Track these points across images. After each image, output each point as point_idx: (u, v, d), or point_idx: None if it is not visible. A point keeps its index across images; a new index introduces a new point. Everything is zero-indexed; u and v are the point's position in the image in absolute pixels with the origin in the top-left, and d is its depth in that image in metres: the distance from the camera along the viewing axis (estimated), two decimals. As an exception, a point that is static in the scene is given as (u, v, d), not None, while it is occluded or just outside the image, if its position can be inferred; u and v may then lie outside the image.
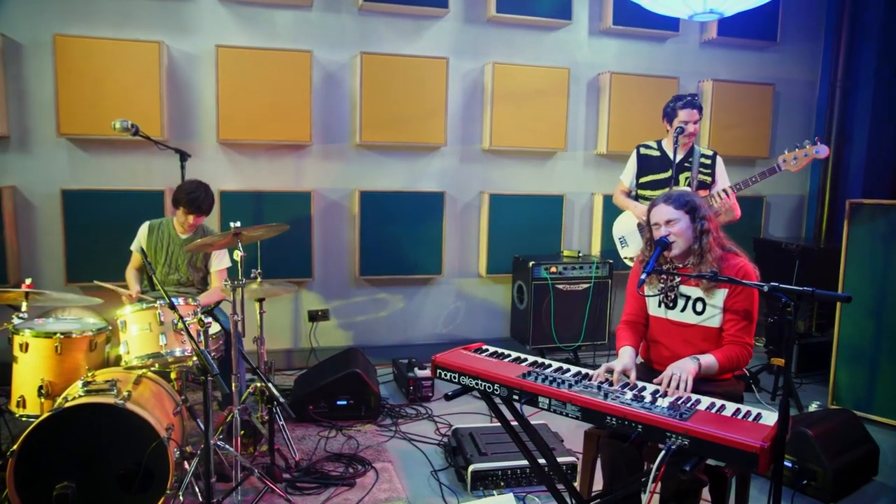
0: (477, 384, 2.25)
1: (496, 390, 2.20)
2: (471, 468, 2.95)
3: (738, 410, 1.92)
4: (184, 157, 3.69)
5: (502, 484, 2.97)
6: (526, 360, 2.41)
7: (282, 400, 2.78)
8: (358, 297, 4.75)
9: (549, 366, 2.34)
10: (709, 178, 3.67)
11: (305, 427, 3.60)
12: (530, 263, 4.56)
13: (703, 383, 2.36)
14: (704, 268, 2.34)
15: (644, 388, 2.11)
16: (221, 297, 3.52)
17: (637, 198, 3.83)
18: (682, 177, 3.64)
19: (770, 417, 1.88)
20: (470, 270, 4.99)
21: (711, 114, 5.11)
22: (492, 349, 2.54)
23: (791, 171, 3.49)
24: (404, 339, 4.88)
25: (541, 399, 2.08)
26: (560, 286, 4.62)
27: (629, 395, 2.02)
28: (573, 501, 2.39)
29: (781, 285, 1.72)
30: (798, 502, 2.91)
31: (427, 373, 4.12)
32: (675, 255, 2.41)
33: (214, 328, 3.13)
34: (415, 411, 3.94)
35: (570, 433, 3.41)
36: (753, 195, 5.24)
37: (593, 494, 2.50)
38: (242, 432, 2.92)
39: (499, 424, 2.46)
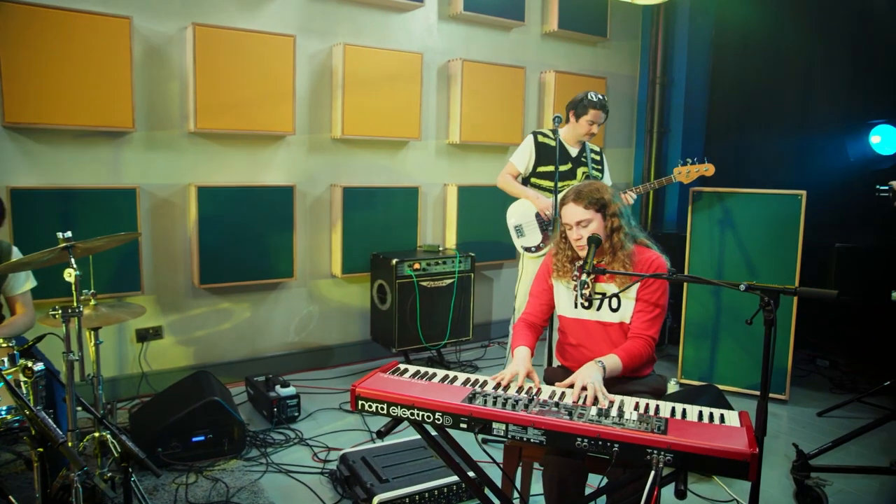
0: (413, 414, 1.93)
1: (438, 419, 1.91)
2: (376, 500, 2.61)
3: (701, 414, 1.85)
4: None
5: (412, 511, 2.68)
6: (456, 378, 2.14)
7: (142, 456, 2.19)
8: (197, 309, 4.09)
9: (485, 383, 2.10)
10: (600, 174, 3.72)
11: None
12: (393, 261, 4.28)
13: (627, 381, 2.31)
14: (617, 265, 2.28)
15: (590, 400, 1.96)
16: (29, 325, 2.76)
17: (525, 183, 3.75)
18: (579, 171, 3.65)
19: (732, 417, 1.84)
20: (323, 271, 4.56)
21: (554, 104, 5.22)
22: (412, 368, 2.22)
23: (683, 182, 3.68)
24: (253, 353, 4.32)
25: (495, 425, 1.83)
26: (424, 283, 4.40)
27: (594, 410, 1.85)
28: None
29: (760, 284, 1.66)
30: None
31: (291, 390, 3.66)
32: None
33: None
34: (283, 436, 3.47)
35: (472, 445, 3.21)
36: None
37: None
38: None
39: (390, 444, 2.16)
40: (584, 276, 2.08)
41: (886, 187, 2.70)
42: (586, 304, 2.37)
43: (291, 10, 4.17)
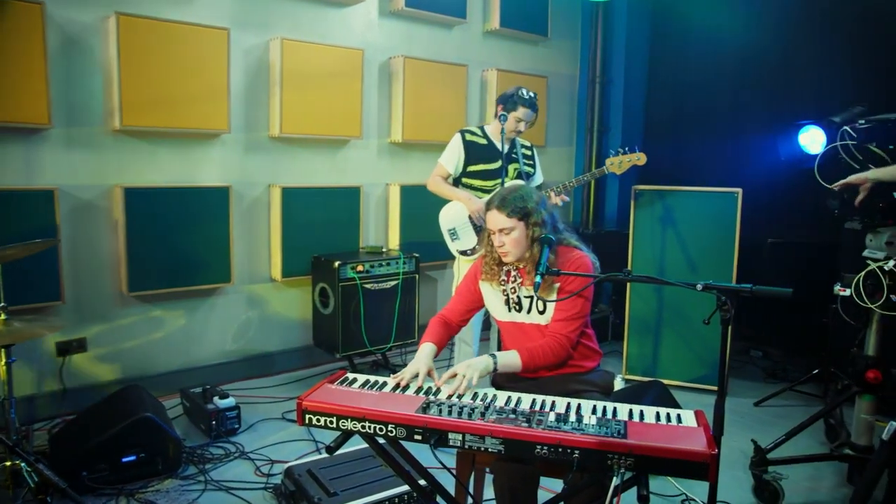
0: (364, 427, 1.84)
1: (391, 432, 1.82)
2: (325, 515, 2.50)
3: (658, 415, 1.84)
4: None
5: (363, 525, 2.57)
6: (408, 386, 2.06)
7: (63, 485, 2.00)
8: (126, 319, 3.84)
9: (439, 391, 2.03)
10: (532, 169, 3.66)
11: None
12: (335, 263, 4.14)
13: (574, 379, 2.28)
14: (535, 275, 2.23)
15: (540, 404, 1.92)
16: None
17: (456, 184, 3.66)
18: (510, 168, 3.57)
19: (688, 417, 1.83)
20: (262, 275, 4.38)
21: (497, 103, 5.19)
22: (361, 378, 2.13)
23: (616, 174, 3.66)
24: (188, 363, 4.10)
25: (451, 436, 1.76)
26: (368, 285, 4.28)
27: (552, 416, 1.80)
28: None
29: (716, 283, 1.65)
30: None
31: (230, 402, 3.48)
32: (510, 262, 2.31)
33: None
34: (222, 451, 3.30)
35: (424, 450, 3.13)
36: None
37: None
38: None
39: (337, 454, 2.06)
40: (537, 278, 2.03)
41: (836, 202, 2.73)
42: (517, 307, 2.35)
43: (224, 1, 3.97)
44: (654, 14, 5.68)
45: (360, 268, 4.24)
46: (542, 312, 2.32)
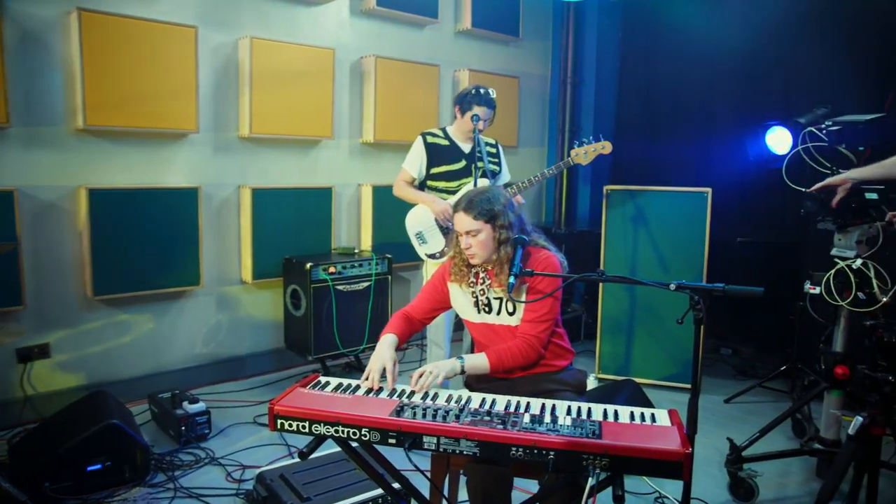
0: (338, 431, 1.81)
1: (365, 435, 1.79)
2: (297, 521, 2.46)
3: (632, 415, 1.84)
4: None
5: (337, 530, 2.54)
6: (381, 389, 2.04)
7: (22, 499, 1.93)
8: (91, 323, 3.74)
9: (412, 393, 2.01)
10: (497, 168, 3.65)
11: (44, 512, 2.66)
12: (307, 265, 4.09)
13: (546, 379, 2.28)
14: (503, 277, 2.23)
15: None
16: None
17: (422, 187, 3.63)
18: (474, 167, 3.54)
19: (662, 416, 1.84)
20: (232, 277, 4.30)
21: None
22: (333, 381, 2.10)
23: (581, 164, 3.66)
24: (157, 367, 4.01)
25: (426, 439, 1.74)
26: (340, 287, 4.24)
27: (527, 417, 1.79)
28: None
29: (688, 283, 1.66)
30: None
31: (200, 406, 3.41)
32: (476, 264, 2.31)
33: None
34: (192, 457, 3.23)
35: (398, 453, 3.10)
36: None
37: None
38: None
39: (310, 458, 2.03)
40: (510, 279, 2.02)
41: (814, 203, 2.75)
42: (487, 308, 2.34)
43: (191, -2, 3.90)
44: (625, 14, 5.72)
45: (332, 269, 4.19)
46: (511, 314, 2.31)
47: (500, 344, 2.28)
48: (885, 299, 2.59)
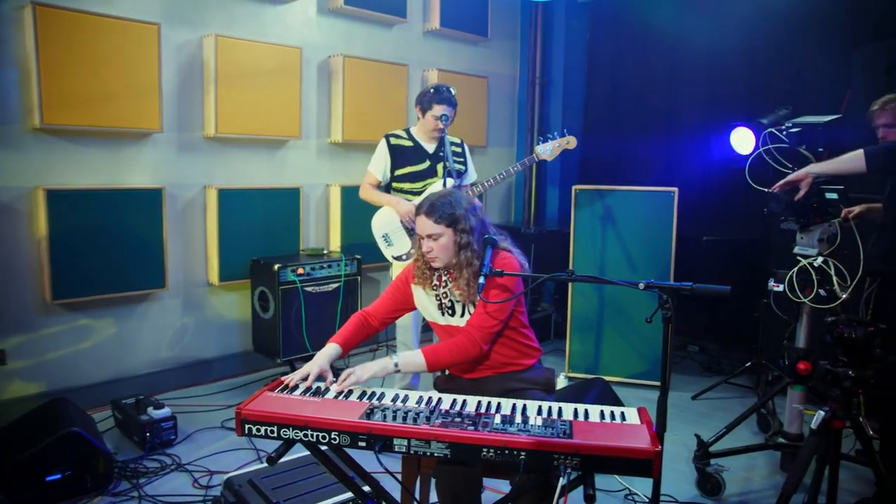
0: (307, 435, 1.78)
1: (335, 439, 1.77)
2: (266, 527, 2.42)
3: (602, 413, 1.85)
4: None
5: (307, 536, 2.50)
6: (351, 392, 2.01)
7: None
8: (51, 329, 3.63)
9: (383, 395, 1.99)
10: (462, 167, 3.64)
11: (1, 524, 2.58)
12: (275, 266, 4.03)
13: (513, 378, 2.28)
14: (462, 281, 2.23)
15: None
16: None
17: (389, 189, 3.62)
18: (439, 167, 3.53)
19: (632, 414, 1.85)
20: (198, 279, 4.22)
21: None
22: (302, 384, 2.06)
23: (547, 160, 3.67)
24: (120, 372, 3.91)
25: (396, 442, 1.72)
26: (309, 288, 4.19)
27: (498, 418, 1.79)
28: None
29: (657, 282, 1.67)
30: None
31: (166, 412, 3.34)
32: (438, 267, 2.30)
33: None
34: (158, 463, 3.16)
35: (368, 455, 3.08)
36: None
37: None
38: None
39: (279, 462, 2.00)
40: (481, 280, 2.01)
41: (779, 205, 2.80)
42: (450, 311, 2.33)
43: (153, -6, 3.81)
44: (593, 15, 5.78)
45: (300, 270, 4.14)
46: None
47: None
48: (844, 296, 2.66)
